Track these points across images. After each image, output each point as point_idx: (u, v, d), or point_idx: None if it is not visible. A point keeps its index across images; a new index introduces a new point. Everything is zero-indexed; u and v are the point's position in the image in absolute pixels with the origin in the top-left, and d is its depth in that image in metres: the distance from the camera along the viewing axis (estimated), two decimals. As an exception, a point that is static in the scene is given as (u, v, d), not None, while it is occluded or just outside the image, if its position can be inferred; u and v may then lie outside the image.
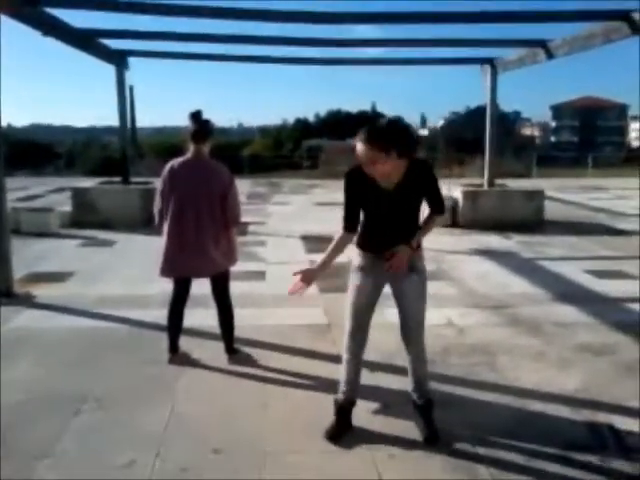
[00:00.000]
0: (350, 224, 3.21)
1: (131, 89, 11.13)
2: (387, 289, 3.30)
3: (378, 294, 3.26)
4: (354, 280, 3.25)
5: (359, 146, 2.94)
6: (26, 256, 7.59)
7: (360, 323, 3.26)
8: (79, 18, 7.89)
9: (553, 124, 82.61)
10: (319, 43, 9.38)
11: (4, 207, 6.01)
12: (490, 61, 10.72)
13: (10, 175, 6.19)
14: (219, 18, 7.66)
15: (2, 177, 5.95)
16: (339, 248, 3.25)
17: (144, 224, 9.49)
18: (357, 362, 3.34)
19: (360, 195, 3.12)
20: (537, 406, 3.67)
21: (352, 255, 3.30)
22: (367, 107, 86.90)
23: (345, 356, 3.34)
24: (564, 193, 15.31)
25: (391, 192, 3.05)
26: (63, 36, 8.13)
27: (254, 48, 9.90)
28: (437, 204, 3.24)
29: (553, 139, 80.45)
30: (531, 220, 10.38)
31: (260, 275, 6.89)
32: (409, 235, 3.15)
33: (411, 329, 3.26)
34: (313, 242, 8.96)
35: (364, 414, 3.48)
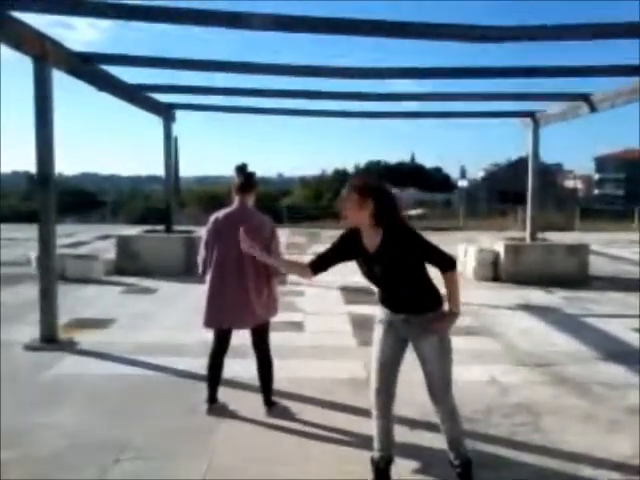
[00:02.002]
0: (315, 264, 3.24)
1: (176, 140, 11.50)
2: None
3: (401, 349, 3.22)
4: (377, 333, 3.26)
5: (343, 190, 3.06)
6: (70, 302, 7.75)
7: (384, 378, 3.20)
8: (131, 73, 8.28)
9: (596, 176, 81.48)
10: (362, 97, 9.58)
11: (53, 254, 6.20)
12: (532, 114, 10.74)
13: (58, 221, 6.38)
14: (263, 74, 7.94)
15: (53, 225, 6.16)
16: (294, 266, 3.42)
17: (185, 272, 9.66)
18: (386, 419, 3.26)
19: (347, 252, 3.19)
20: (586, 471, 3.51)
21: (376, 311, 3.32)
22: (406, 158, 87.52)
23: (374, 412, 3.28)
24: (609, 248, 14.99)
25: (373, 254, 3.08)
26: (116, 91, 8.53)
27: (295, 102, 10.17)
28: (441, 262, 3.11)
29: (597, 192, 79.21)
30: (575, 275, 10.16)
31: (298, 326, 6.87)
32: (420, 295, 3.13)
33: (437, 389, 3.19)
34: (352, 293, 8.94)
35: (405, 473, 3.39)
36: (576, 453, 3.74)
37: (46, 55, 5.85)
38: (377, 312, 3.30)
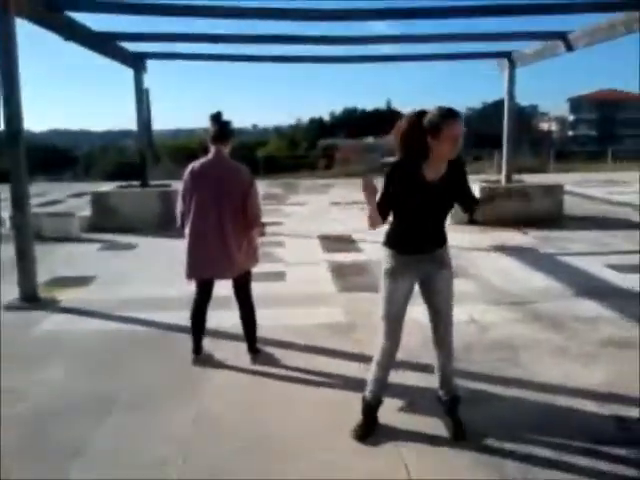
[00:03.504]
0: (382, 211, 3.06)
1: (147, 92, 11.16)
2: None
3: (411, 294, 3.23)
4: (387, 285, 3.17)
5: (458, 125, 2.92)
6: (48, 261, 7.68)
7: (395, 326, 3.22)
8: (98, 21, 7.96)
9: (571, 118, 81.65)
10: (334, 41, 9.40)
11: (28, 213, 6.10)
12: (508, 55, 10.64)
13: (30, 181, 6.26)
14: (232, 18, 7.73)
15: (26, 183, 6.04)
16: (376, 215, 3.07)
17: (163, 227, 9.60)
18: (390, 363, 3.32)
19: (401, 187, 3.04)
20: (563, 401, 3.66)
21: (382, 258, 3.24)
22: (382, 104, 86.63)
23: (377, 357, 3.31)
24: (584, 187, 15.19)
25: (436, 184, 3.03)
26: (83, 40, 8.22)
27: (267, 47, 9.96)
28: (472, 199, 3.28)
29: (571, 133, 79.50)
30: (550, 215, 10.31)
31: (280, 276, 6.92)
32: (441, 235, 3.19)
33: (444, 326, 3.27)
34: (331, 242, 9.00)
35: (390, 412, 3.48)
36: (553, 384, 3.89)
37: (7, 3, 5.59)
38: (386, 262, 3.18)
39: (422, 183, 3.02)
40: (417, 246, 3.15)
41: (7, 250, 6.77)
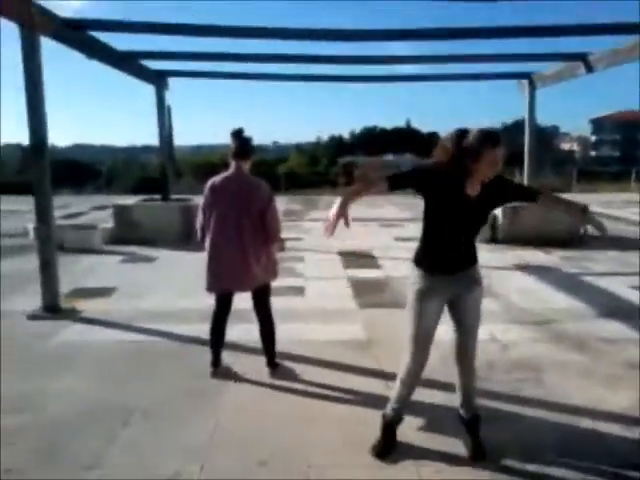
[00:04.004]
0: (395, 178, 2.97)
1: (169, 109, 11.34)
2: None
3: (440, 315, 3.18)
4: (416, 306, 3.11)
5: (499, 151, 2.88)
6: (71, 272, 7.76)
7: (423, 347, 3.17)
8: (121, 38, 8.10)
9: (593, 138, 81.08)
10: (355, 61, 9.46)
11: (51, 224, 6.18)
12: (528, 76, 10.63)
13: (54, 193, 6.36)
14: (255, 38, 7.81)
15: (50, 195, 6.14)
16: (370, 186, 3.05)
17: (184, 240, 9.68)
18: (414, 382, 3.27)
19: (434, 199, 3.00)
20: (586, 423, 3.59)
21: (411, 277, 3.17)
22: (401, 123, 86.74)
23: (402, 376, 3.26)
24: (607, 208, 15.01)
25: (474, 199, 3.00)
26: (106, 58, 8.39)
27: (289, 67, 10.07)
28: (530, 192, 3.20)
29: (593, 153, 78.89)
30: (573, 235, 10.19)
31: (299, 290, 6.91)
32: (472, 254, 3.15)
33: (468, 344, 3.22)
34: (351, 258, 8.99)
35: (409, 430, 3.44)
36: (575, 406, 3.81)
37: (33, 22, 5.71)
38: (415, 282, 3.13)
39: (464, 199, 2.99)
40: (449, 266, 3.09)
41: (31, 260, 6.84)
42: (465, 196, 2.98)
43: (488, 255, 8.67)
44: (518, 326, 5.55)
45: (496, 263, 8.36)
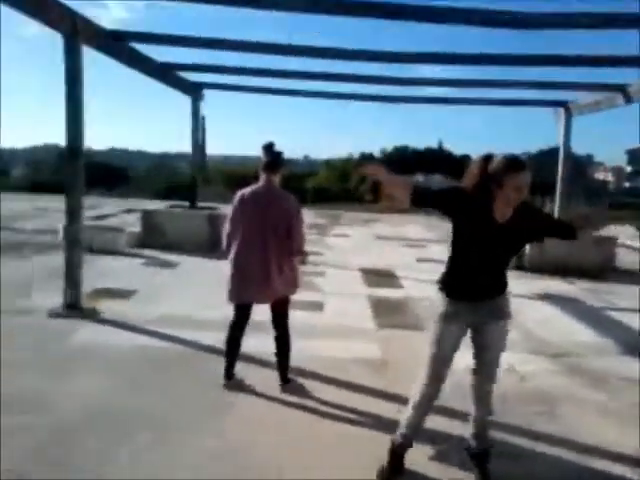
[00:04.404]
0: (419, 192, 2.94)
1: (203, 119, 11.52)
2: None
3: (460, 341, 3.14)
4: (438, 329, 3.08)
5: (523, 177, 2.86)
6: (94, 272, 7.86)
7: (440, 372, 3.13)
8: (160, 50, 8.26)
9: (628, 169, 79.79)
10: (390, 81, 9.47)
11: (79, 225, 6.29)
12: (564, 104, 10.53)
13: (86, 194, 6.48)
14: (291, 56, 7.90)
15: (80, 197, 6.25)
16: (397, 183, 3.00)
17: (208, 248, 9.74)
18: (428, 408, 3.23)
19: (463, 224, 2.97)
20: (600, 464, 3.49)
21: (436, 301, 3.15)
22: (433, 143, 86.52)
23: (416, 400, 3.21)
24: (634, 240, 14.71)
25: (503, 226, 2.95)
26: (145, 69, 8.55)
27: (323, 84, 10.12)
28: (565, 229, 3.09)
29: (627, 184, 77.58)
30: (600, 267, 10.01)
31: (318, 306, 6.89)
32: (501, 282, 3.09)
33: (487, 375, 3.17)
34: (372, 276, 8.94)
35: (419, 457, 3.39)
36: (591, 445, 3.72)
37: (76, 32, 5.89)
38: (440, 306, 3.11)
39: (490, 224, 2.95)
40: (474, 292, 3.05)
41: (58, 259, 6.94)
42: (493, 222, 2.95)
43: (512, 282, 8.45)
44: (537, 357, 5.45)
45: (519, 291, 8.22)
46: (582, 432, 3.90)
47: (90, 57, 6.23)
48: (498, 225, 2.95)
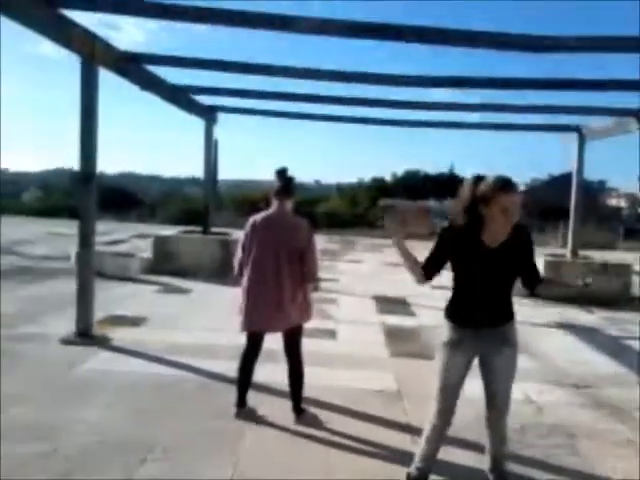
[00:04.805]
0: (427, 269, 3.06)
1: (216, 143, 11.52)
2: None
3: (467, 369, 3.08)
4: (444, 357, 3.05)
5: (512, 197, 2.84)
6: (106, 299, 7.85)
7: (448, 402, 3.07)
8: (174, 72, 8.36)
9: (641, 195, 79.22)
10: (401, 105, 9.50)
11: (92, 250, 6.29)
12: (577, 129, 10.49)
13: (98, 219, 6.48)
14: (306, 79, 7.93)
15: (93, 223, 6.25)
16: (416, 265, 3.08)
17: (221, 274, 9.71)
18: (439, 440, 3.17)
19: (459, 253, 2.98)
20: (624, 500, 3.37)
21: (442, 329, 3.12)
22: (445, 168, 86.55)
23: (428, 433, 3.16)
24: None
25: (495, 250, 2.92)
26: (159, 91, 8.62)
27: (334, 108, 10.16)
28: (534, 275, 3.11)
29: (642, 211, 76.92)
30: (617, 295, 9.86)
31: (331, 334, 6.81)
32: (505, 310, 3.04)
33: (497, 407, 3.10)
34: (385, 303, 8.86)
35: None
36: (610, 479, 3.60)
37: (94, 54, 5.93)
38: (444, 333, 3.08)
39: (481, 249, 2.92)
40: (477, 319, 3.00)
41: (71, 284, 6.92)
42: (483, 247, 2.92)
43: (527, 310, 8.41)
44: (555, 388, 5.32)
45: (535, 319, 8.11)
46: (604, 466, 3.78)
47: (104, 78, 6.25)
48: (488, 250, 2.92)
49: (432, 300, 8.86)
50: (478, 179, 2.93)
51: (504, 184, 2.84)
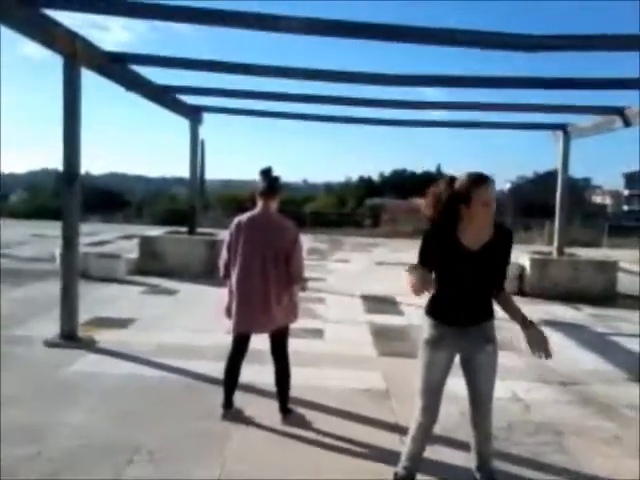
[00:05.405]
0: (425, 265, 2.96)
1: (202, 143, 11.47)
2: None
3: (449, 367, 3.08)
4: (426, 355, 3.05)
5: (489, 190, 2.83)
6: (91, 300, 7.77)
7: (432, 400, 3.07)
8: (158, 73, 8.29)
9: (626, 192, 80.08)
10: (388, 105, 9.49)
11: (76, 252, 6.22)
12: (563, 127, 10.54)
13: (83, 220, 6.41)
14: (292, 78, 7.88)
15: (77, 224, 6.18)
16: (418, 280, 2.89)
17: (207, 274, 9.66)
18: (425, 438, 3.16)
19: (439, 255, 2.95)
20: (611, 497, 3.38)
21: (423, 326, 3.12)
22: (432, 168, 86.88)
23: (413, 432, 3.16)
24: (634, 264, 14.64)
25: (476, 252, 2.91)
26: (144, 91, 8.55)
27: (321, 107, 10.13)
28: (500, 281, 3.08)
29: (626, 208, 77.75)
30: (603, 292, 9.94)
31: (318, 333, 6.79)
32: (486, 308, 3.03)
33: (481, 404, 3.09)
34: (373, 302, 8.85)
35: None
36: (600, 477, 3.61)
37: (76, 54, 5.86)
38: (425, 331, 3.07)
39: (460, 251, 2.91)
40: (459, 317, 3.00)
41: (56, 286, 6.84)
42: (463, 249, 2.91)
43: (514, 308, 8.44)
44: (542, 385, 5.34)
45: (522, 316, 8.13)
46: (591, 463, 3.79)
47: (89, 80, 6.20)
48: (469, 253, 2.91)
49: (420, 299, 8.87)
50: (452, 179, 2.93)
51: (479, 177, 2.85)
